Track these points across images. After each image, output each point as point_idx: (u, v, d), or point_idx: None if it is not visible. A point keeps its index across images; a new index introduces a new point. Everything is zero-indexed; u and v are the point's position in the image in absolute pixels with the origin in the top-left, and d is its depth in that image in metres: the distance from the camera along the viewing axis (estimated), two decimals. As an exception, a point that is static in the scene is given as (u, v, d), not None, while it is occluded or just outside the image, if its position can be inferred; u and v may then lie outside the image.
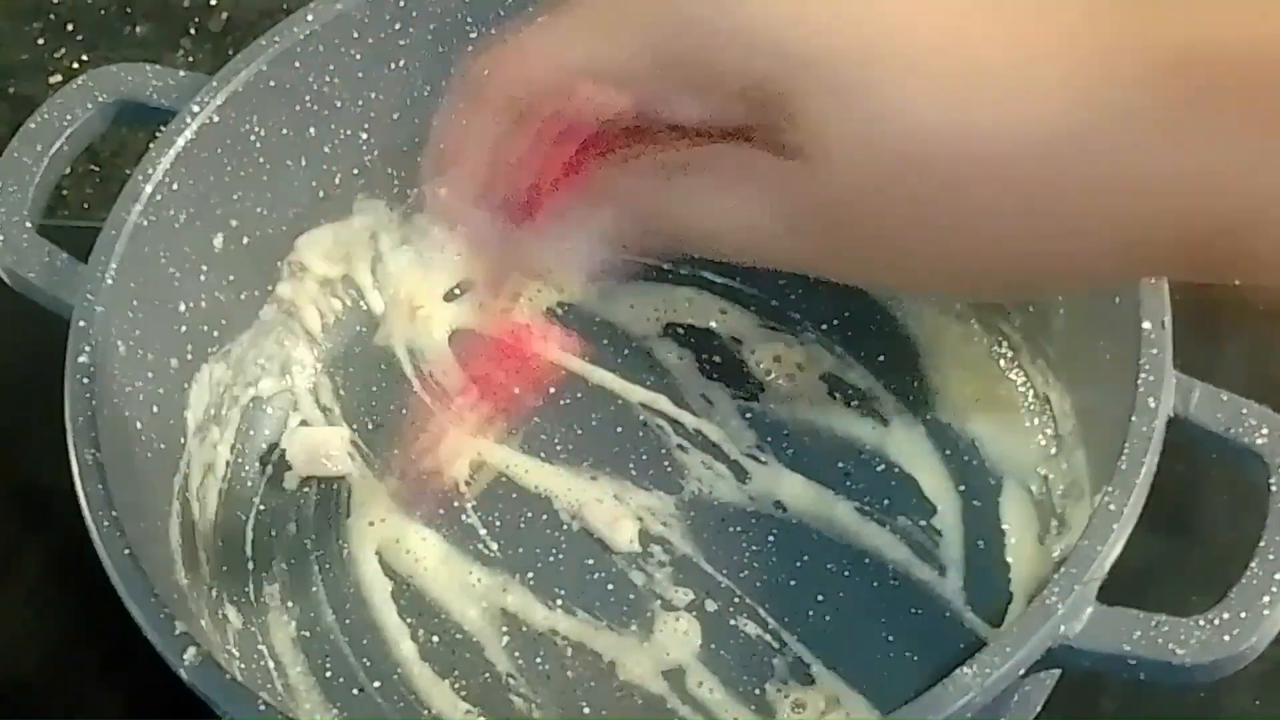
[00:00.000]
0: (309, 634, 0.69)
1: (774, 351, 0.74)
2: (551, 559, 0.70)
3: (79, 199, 0.84)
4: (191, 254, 0.68)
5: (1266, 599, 0.56)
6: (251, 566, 0.70)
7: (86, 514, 0.59)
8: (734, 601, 0.68)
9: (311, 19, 0.69)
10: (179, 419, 0.68)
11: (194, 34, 0.89)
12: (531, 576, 0.69)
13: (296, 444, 0.72)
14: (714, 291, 0.75)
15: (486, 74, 0.49)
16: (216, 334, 0.70)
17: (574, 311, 0.75)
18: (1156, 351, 0.60)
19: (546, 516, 0.71)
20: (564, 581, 0.69)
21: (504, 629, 0.68)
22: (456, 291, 0.76)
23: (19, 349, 0.78)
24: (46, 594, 0.73)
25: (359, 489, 0.72)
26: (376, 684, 0.67)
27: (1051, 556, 0.66)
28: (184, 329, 0.68)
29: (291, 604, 0.69)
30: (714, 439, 0.72)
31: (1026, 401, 0.71)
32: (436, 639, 0.68)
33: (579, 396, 0.73)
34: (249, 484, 0.72)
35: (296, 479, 0.72)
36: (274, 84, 0.68)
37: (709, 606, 0.68)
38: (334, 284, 0.75)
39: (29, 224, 0.66)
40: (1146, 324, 0.60)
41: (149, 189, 0.65)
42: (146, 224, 0.65)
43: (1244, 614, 0.56)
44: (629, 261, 0.51)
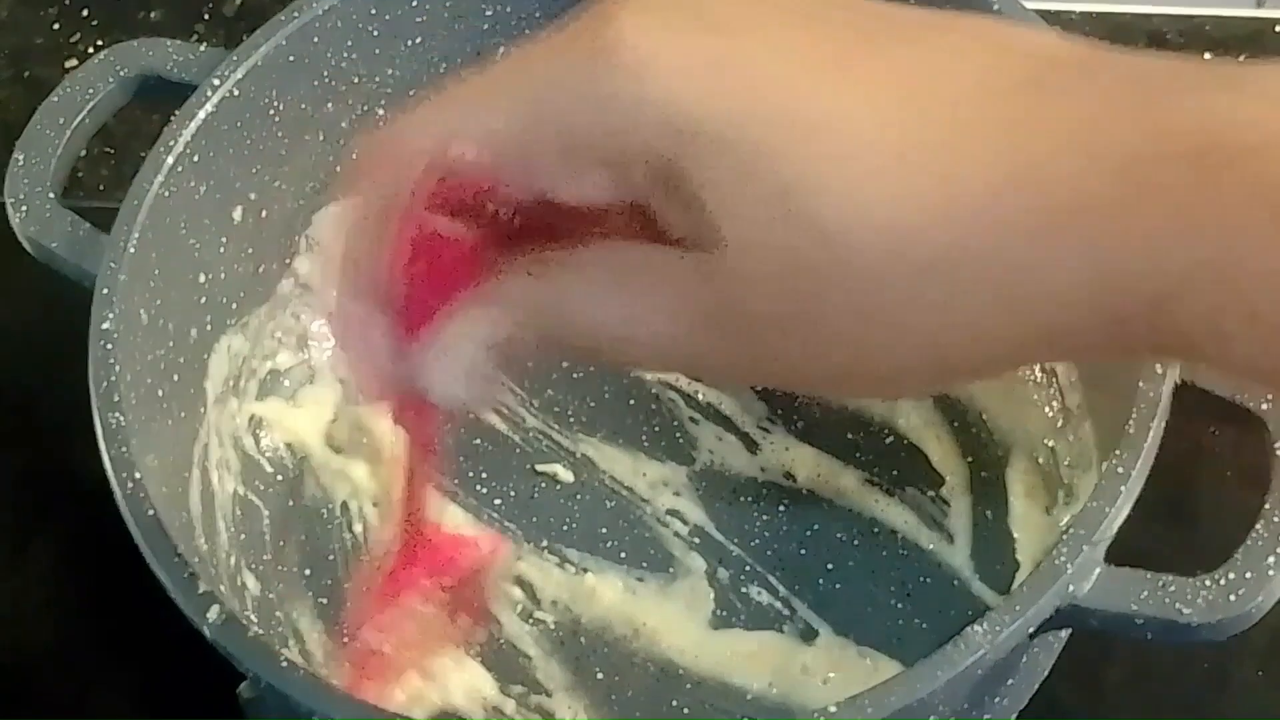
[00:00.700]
0: (326, 601, 0.69)
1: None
2: (565, 528, 0.71)
3: (94, 181, 0.85)
4: (211, 226, 0.69)
5: (1271, 559, 0.57)
6: (269, 535, 0.71)
7: (111, 476, 0.59)
8: (745, 570, 0.69)
9: (330, -6, 0.70)
10: (199, 389, 0.69)
11: (208, 19, 0.90)
12: (545, 545, 0.70)
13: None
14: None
15: (357, 159, 0.46)
16: (235, 306, 0.71)
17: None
18: (1164, 318, 0.60)
19: (560, 486, 0.72)
20: (577, 550, 0.70)
21: (518, 596, 0.69)
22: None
23: (31, 334, 0.79)
24: (59, 575, 0.74)
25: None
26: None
27: (1059, 527, 0.66)
28: (204, 300, 0.69)
29: (309, 572, 0.70)
30: (725, 411, 0.73)
31: (1034, 375, 0.71)
32: (451, 606, 0.69)
33: (591, 369, 0.74)
34: (267, 455, 0.72)
35: (315, 450, 0.73)
36: (293, 59, 0.69)
37: (721, 575, 0.69)
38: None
39: (51, 195, 0.67)
40: (1154, 292, 0.61)
41: (170, 160, 0.66)
42: (168, 195, 0.66)
43: (1249, 574, 0.57)
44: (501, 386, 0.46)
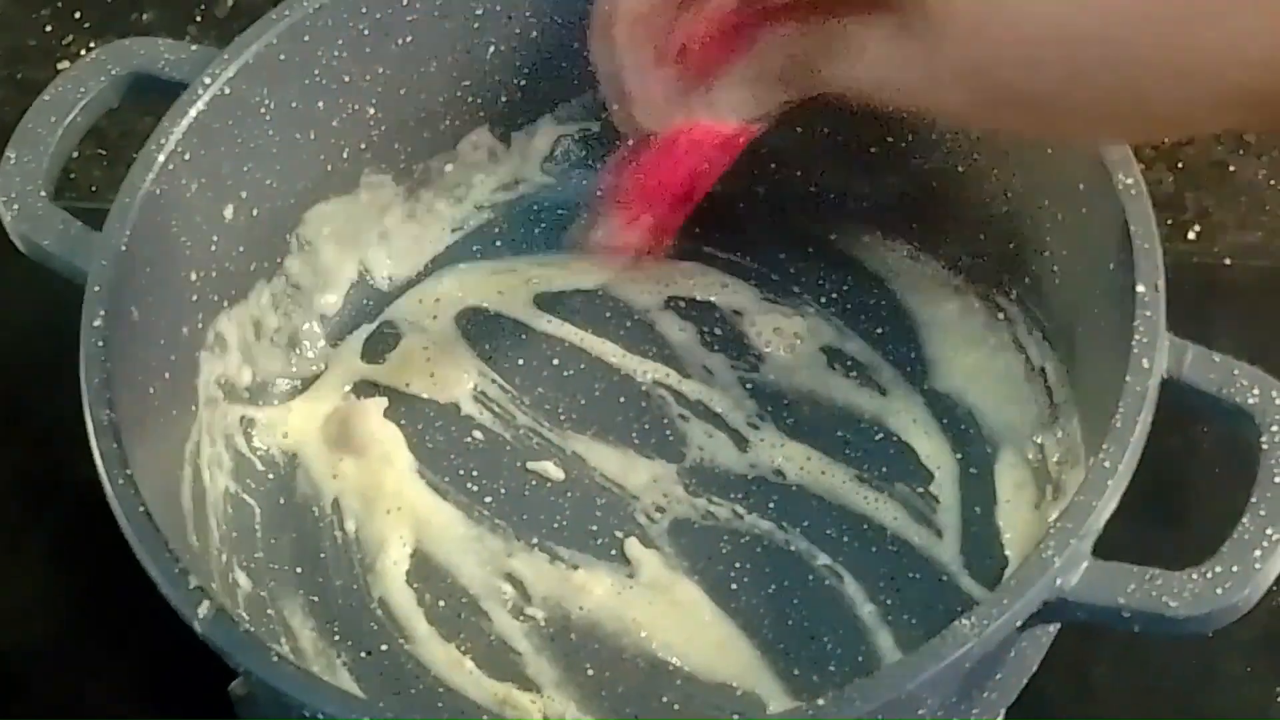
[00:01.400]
0: (317, 599, 0.70)
1: (774, 324, 0.75)
2: (556, 525, 0.71)
3: (87, 182, 0.85)
4: (203, 224, 0.69)
5: (1258, 553, 0.57)
6: (260, 533, 0.71)
7: (102, 471, 0.60)
8: (735, 567, 0.69)
9: (321, -7, 0.70)
10: (190, 387, 0.69)
11: (200, 20, 0.90)
12: (536, 541, 0.70)
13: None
14: (715, 266, 0.76)
15: None
16: (226, 304, 0.71)
17: (578, 290, 0.76)
18: (1150, 314, 0.61)
19: (550, 484, 0.72)
20: (567, 546, 0.70)
21: (509, 594, 0.69)
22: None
23: (22, 331, 0.80)
24: (51, 574, 0.74)
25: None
26: (384, 647, 0.68)
27: (1047, 522, 0.67)
28: (195, 298, 0.69)
29: (300, 570, 0.70)
30: (715, 409, 0.73)
31: (1023, 371, 0.72)
32: (443, 603, 0.69)
33: (582, 367, 0.74)
34: (259, 453, 0.73)
35: (306, 448, 0.73)
36: (284, 57, 0.69)
37: (711, 573, 0.69)
38: (340, 259, 0.76)
39: (43, 193, 0.67)
40: (1140, 287, 0.61)
41: (162, 158, 0.66)
42: (159, 192, 0.66)
43: (1236, 567, 0.57)
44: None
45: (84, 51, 0.89)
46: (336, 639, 0.69)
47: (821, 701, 0.54)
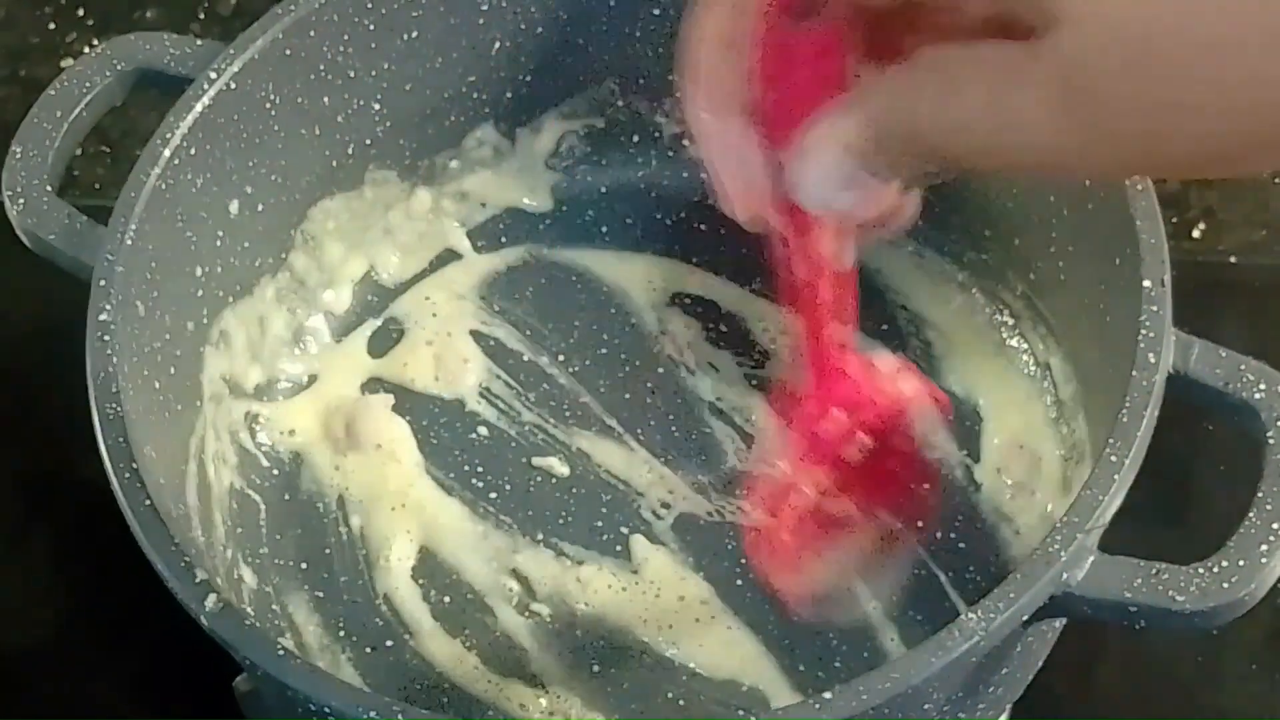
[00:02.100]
0: (322, 594, 0.70)
1: (779, 323, 0.75)
2: (561, 521, 0.71)
3: (90, 179, 0.85)
4: (208, 219, 0.69)
5: (1264, 547, 0.57)
6: (265, 529, 0.71)
7: (108, 465, 0.60)
8: (740, 563, 0.69)
9: (326, -11, 0.70)
10: (195, 382, 0.69)
11: (203, 18, 0.90)
12: (541, 538, 0.70)
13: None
14: (719, 265, 0.76)
15: None
16: (231, 299, 0.71)
17: (583, 279, 0.76)
18: (1156, 309, 0.61)
19: (556, 480, 0.72)
20: (572, 543, 0.70)
21: (514, 590, 0.69)
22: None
23: (28, 326, 0.80)
24: (57, 569, 0.74)
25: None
26: (389, 643, 0.68)
27: (1053, 518, 0.67)
28: (200, 293, 0.69)
29: (305, 566, 0.70)
30: (721, 405, 0.73)
31: (1028, 369, 0.72)
32: (448, 599, 0.69)
33: (587, 364, 0.74)
34: (264, 449, 0.73)
35: (311, 444, 0.73)
36: (289, 52, 0.69)
37: (716, 569, 0.69)
38: (345, 255, 0.76)
39: (49, 188, 0.67)
40: (1147, 282, 0.61)
41: (167, 153, 0.66)
42: (165, 187, 0.66)
43: (1242, 562, 0.57)
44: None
45: (87, 49, 0.89)
46: (341, 634, 0.69)
47: (828, 695, 0.54)
